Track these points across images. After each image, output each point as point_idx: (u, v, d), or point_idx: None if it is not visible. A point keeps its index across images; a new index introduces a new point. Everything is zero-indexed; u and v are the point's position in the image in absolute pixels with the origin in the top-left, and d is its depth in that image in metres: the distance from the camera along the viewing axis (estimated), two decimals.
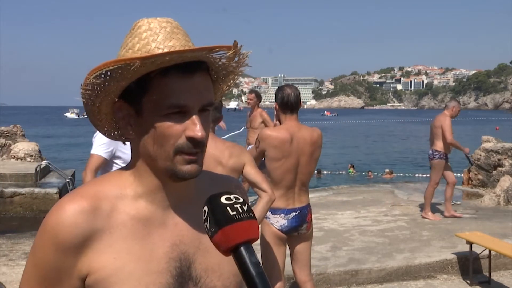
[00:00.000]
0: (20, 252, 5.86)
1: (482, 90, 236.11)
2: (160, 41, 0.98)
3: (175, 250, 1.04)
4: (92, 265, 0.98)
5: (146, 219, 1.03)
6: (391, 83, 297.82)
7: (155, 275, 1.00)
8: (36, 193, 9.56)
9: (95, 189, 1.03)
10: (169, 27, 1.00)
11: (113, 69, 0.94)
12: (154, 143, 0.99)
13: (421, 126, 66.54)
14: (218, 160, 3.07)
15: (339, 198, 9.41)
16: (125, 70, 0.94)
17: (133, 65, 0.92)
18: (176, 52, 0.93)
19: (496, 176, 10.09)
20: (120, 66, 0.93)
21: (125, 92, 1.01)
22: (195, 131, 0.97)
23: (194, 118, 0.98)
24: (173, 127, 0.97)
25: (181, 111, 0.97)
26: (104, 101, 1.02)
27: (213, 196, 0.86)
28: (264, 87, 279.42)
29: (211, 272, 1.06)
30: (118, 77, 0.95)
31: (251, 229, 0.83)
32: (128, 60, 0.92)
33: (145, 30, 1.00)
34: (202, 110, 1.00)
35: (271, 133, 3.62)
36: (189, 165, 0.99)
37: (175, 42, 0.98)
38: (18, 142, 13.24)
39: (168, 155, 0.99)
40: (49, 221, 0.99)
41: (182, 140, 0.98)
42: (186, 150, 0.98)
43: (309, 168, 3.73)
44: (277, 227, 3.61)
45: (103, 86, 0.97)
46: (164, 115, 0.97)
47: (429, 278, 5.38)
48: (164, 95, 0.97)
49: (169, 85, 0.97)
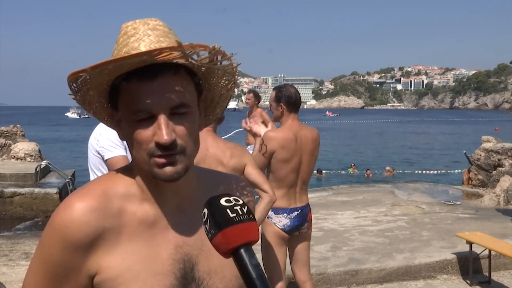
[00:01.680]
0: (20, 252, 5.86)
1: (482, 90, 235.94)
2: (130, 45, 0.99)
3: (179, 251, 1.04)
4: (101, 264, 0.99)
5: (151, 221, 1.03)
6: (391, 83, 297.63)
7: (159, 277, 1.00)
8: (36, 193, 9.55)
9: (103, 187, 1.03)
10: (143, 29, 1.00)
11: (80, 76, 0.96)
12: (133, 148, 1.01)
13: (421, 126, 66.61)
14: (219, 160, 3.07)
15: (339, 198, 9.40)
16: (86, 78, 0.96)
17: (88, 74, 0.94)
18: (114, 61, 0.92)
19: (496, 176, 10.08)
20: (81, 75, 0.95)
21: (110, 98, 1.04)
22: (159, 136, 0.96)
23: (159, 122, 0.96)
24: (142, 133, 0.98)
25: (150, 116, 0.97)
26: (92, 108, 1.06)
27: (213, 198, 0.86)
28: (264, 87, 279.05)
29: (214, 274, 1.06)
30: (87, 83, 0.98)
31: (251, 231, 0.83)
32: (76, 74, 0.95)
33: (122, 35, 1.01)
34: (176, 113, 0.98)
35: (277, 134, 3.58)
36: (163, 169, 0.98)
37: (145, 44, 0.98)
38: (18, 142, 13.23)
39: (144, 159, 0.99)
40: (58, 219, 0.99)
41: (152, 145, 0.97)
42: (156, 154, 0.98)
43: (310, 167, 3.74)
44: (279, 227, 3.61)
45: (81, 95, 1.01)
46: (133, 121, 0.98)
47: (429, 278, 5.37)
48: (128, 101, 0.98)
49: (134, 89, 0.97)
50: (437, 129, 64.82)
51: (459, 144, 34.27)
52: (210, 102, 1.13)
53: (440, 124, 78.33)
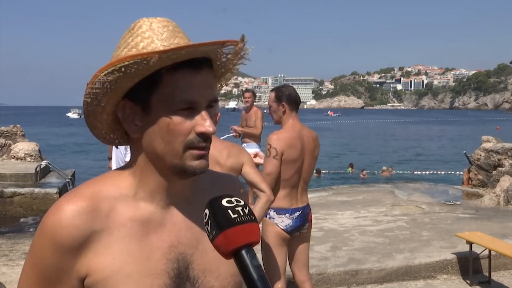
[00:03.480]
0: (20, 252, 5.86)
1: (482, 90, 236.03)
2: (164, 38, 0.99)
3: (173, 251, 1.03)
4: (91, 266, 0.98)
5: (144, 220, 1.02)
6: (391, 83, 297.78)
7: (153, 276, 1.00)
8: (36, 193, 9.56)
9: (93, 189, 1.02)
10: (171, 26, 1.01)
11: (127, 65, 0.93)
12: (162, 141, 0.99)
13: (421, 126, 66.61)
14: (216, 160, 3.07)
15: (339, 198, 9.41)
16: (141, 65, 0.93)
17: (150, 60, 0.92)
18: (192, 46, 0.94)
19: (496, 176, 10.08)
20: (136, 61, 0.92)
21: (129, 90, 1.00)
22: (205, 127, 0.98)
23: (203, 113, 0.98)
24: (183, 124, 0.98)
25: (190, 107, 0.98)
26: (111, 99, 1.00)
27: (214, 199, 0.86)
28: (264, 87, 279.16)
29: (209, 272, 1.06)
30: (132, 73, 0.95)
31: (253, 232, 0.83)
32: (145, 55, 0.92)
33: (147, 30, 1.00)
34: (209, 106, 1.00)
35: (283, 135, 3.57)
36: (198, 161, 0.99)
37: (179, 40, 1.00)
38: (18, 142, 13.23)
39: (177, 151, 0.99)
40: (48, 221, 0.99)
41: (192, 136, 0.98)
42: (196, 145, 0.98)
43: (311, 167, 3.75)
44: (282, 227, 3.60)
45: (114, 83, 0.96)
46: (174, 111, 0.97)
47: (429, 278, 5.38)
48: (175, 91, 0.97)
49: (180, 80, 0.97)
50: (437, 129, 64.83)
51: (459, 144, 34.30)
52: None
53: (440, 124, 78.35)
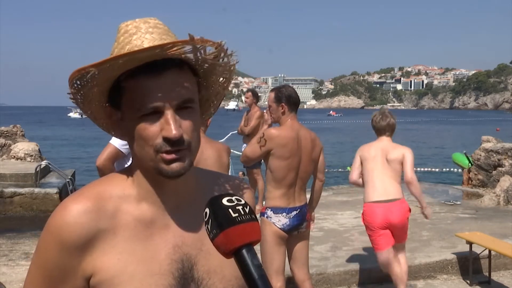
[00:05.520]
0: (20, 252, 5.85)
1: (482, 90, 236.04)
2: (133, 42, 0.98)
3: (177, 251, 1.03)
4: (96, 265, 0.99)
5: (148, 221, 1.03)
6: (391, 83, 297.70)
7: (157, 277, 1.00)
8: (36, 193, 9.55)
9: (98, 189, 1.04)
10: (144, 27, 1.00)
11: (79, 77, 0.95)
12: (137, 145, 1.00)
13: (421, 126, 66.66)
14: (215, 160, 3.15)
15: (339, 198, 9.41)
16: (90, 78, 0.95)
17: (90, 73, 0.93)
18: (127, 54, 0.92)
19: (496, 176, 10.09)
20: (83, 74, 0.94)
21: (109, 97, 1.03)
22: (168, 131, 0.96)
23: (168, 117, 0.96)
24: (149, 129, 0.97)
25: (155, 111, 0.97)
26: (93, 106, 1.04)
27: (215, 198, 0.85)
28: (264, 87, 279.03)
29: (213, 274, 1.06)
30: (88, 84, 0.97)
31: (253, 231, 0.82)
32: (83, 70, 0.93)
33: (122, 34, 1.01)
34: (183, 108, 0.98)
35: (279, 132, 3.62)
36: (171, 164, 0.98)
37: (148, 41, 0.98)
38: (18, 142, 13.23)
39: (150, 155, 0.99)
40: (53, 221, 1.00)
41: (159, 140, 0.97)
42: (163, 150, 0.97)
43: (310, 167, 3.76)
44: (279, 226, 3.62)
45: (83, 94, 1.00)
46: (139, 117, 0.97)
47: (429, 278, 5.38)
48: (135, 97, 0.97)
49: (138, 86, 0.97)
50: (437, 129, 64.83)
51: (459, 144, 34.29)
52: (205, 102, 1.13)
53: (440, 124, 78.31)
